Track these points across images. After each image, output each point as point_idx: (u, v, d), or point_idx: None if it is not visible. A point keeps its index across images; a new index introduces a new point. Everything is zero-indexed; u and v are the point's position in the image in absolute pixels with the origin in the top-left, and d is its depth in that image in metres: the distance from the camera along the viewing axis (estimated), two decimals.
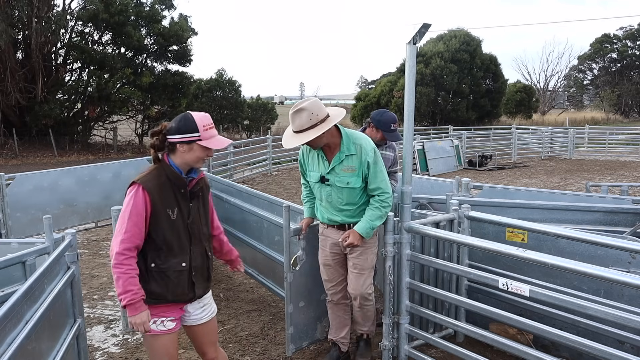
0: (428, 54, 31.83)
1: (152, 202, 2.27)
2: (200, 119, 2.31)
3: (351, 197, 3.13)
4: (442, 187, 5.37)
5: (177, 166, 2.34)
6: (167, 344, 2.43)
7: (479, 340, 3.11)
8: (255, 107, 31.78)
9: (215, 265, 5.87)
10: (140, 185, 2.26)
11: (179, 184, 2.34)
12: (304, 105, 2.95)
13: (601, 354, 2.37)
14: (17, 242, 3.06)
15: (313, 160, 3.23)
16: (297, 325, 3.69)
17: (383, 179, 3.09)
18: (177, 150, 2.31)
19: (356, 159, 3.06)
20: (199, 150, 2.31)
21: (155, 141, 2.32)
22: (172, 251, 2.35)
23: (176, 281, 2.36)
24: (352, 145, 3.07)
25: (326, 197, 3.20)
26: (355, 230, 3.12)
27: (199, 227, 2.46)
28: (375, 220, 3.11)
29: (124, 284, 2.22)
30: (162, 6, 24.63)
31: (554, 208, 4.07)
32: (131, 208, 2.25)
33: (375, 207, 3.11)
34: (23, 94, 21.16)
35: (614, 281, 2.36)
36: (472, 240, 3.08)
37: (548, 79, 53.51)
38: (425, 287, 3.37)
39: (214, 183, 5.99)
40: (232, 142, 14.71)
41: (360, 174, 3.07)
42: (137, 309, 2.25)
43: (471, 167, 15.85)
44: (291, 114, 2.99)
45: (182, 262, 2.38)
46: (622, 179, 13.24)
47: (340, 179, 3.10)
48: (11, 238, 5.73)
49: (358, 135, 3.13)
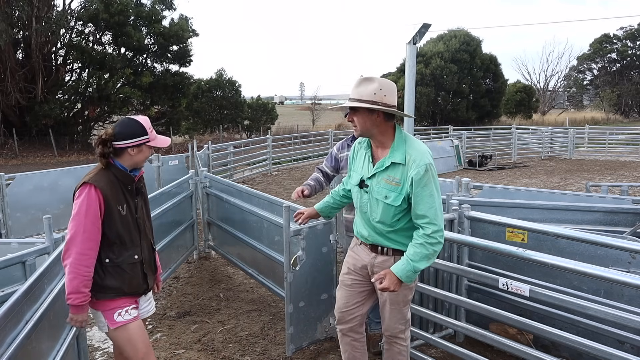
0: (428, 54, 31.84)
1: (105, 200, 2.37)
2: (145, 121, 2.49)
3: (386, 216, 2.55)
4: (442, 187, 5.31)
5: (123, 166, 2.48)
6: (139, 331, 2.52)
7: (479, 340, 3.11)
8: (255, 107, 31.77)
9: (215, 265, 5.88)
10: (92, 185, 2.35)
11: (126, 181, 2.48)
12: (377, 78, 2.52)
13: (601, 354, 2.37)
14: (17, 242, 3.07)
15: (360, 160, 2.71)
16: (297, 325, 3.69)
17: (432, 206, 2.43)
18: (126, 153, 2.45)
19: (402, 170, 2.48)
20: (147, 151, 2.51)
21: (105, 149, 2.43)
22: (124, 245, 2.46)
23: (131, 273, 2.48)
24: (403, 153, 2.50)
25: (361, 207, 2.67)
26: (393, 271, 2.47)
27: (144, 221, 2.60)
28: (419, 261, 2.44)
29: (78, 285, 2.29)
30: (162, 6, 24.65)
31: (554, 208, 4.07)
32: (86, 207, 2.32)
33: (420, 243, 2.44)
34: (23, 94, 21.17)
35: (614, 281, 2.36)
36: (472, 240, 3.08)
37: (548, 79, 53.55)
38: (425, 287, 3.37)
39: (214, 183, 5.99)
40: (232, 142, 14.76)
41: (404, 191, 2.48)
42: (83, 309, 2.36)
43: (471, 167, 15.85)
44: (358, 80, 2.54)
45: (134, 254, 2.50)
46: (622, 179, 13.24)
47: (379, 190, 2.55)
48: (11, 238, 5.74)
49: (415, 145, 2.53)
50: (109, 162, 2.45)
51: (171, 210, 5.15)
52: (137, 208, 2.55)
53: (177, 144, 25.38)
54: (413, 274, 2.47)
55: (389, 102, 2.49)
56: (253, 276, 4.93)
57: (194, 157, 10.65)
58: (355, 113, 2.53)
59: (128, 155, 2.45)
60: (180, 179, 5.73)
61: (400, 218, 2.53)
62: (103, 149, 2.42)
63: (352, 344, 2.88)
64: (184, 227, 5.60)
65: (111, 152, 2.43)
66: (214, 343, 3.93)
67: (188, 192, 5.85)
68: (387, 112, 2.48)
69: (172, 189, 5.33)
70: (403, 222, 2.54)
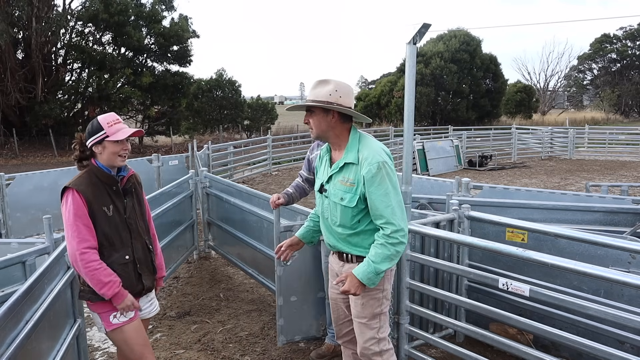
0: (428, 54, 31.84)
1: (87, 202, 2.38)
2: (104, 118, 2.48)
3: (345, 219, 2.46)
4: (442, 187, 5.37)
5: (105, 167, 2.49)
6: (137, 333, 2.52)
7: (479, 340, 3.11)
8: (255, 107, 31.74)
9: (215, 265, 5.88)
10: (73, 189, 2.37)
11: (109, 182, 2.48)
12: (333, 80, 2.47)
13: (601, 354, 2.37)
14: (17, 242, 3.07)
15: (322, 165, 2.65)
16: (287, 318, 3.77)
17: (389, 205, 2.34)
18: (97, 153, 2.47)
19: (355, 170, 2.42)
20: (111, 146, 2.45)
21: (77, 152, 2.48)
22: (113, 246, 2.46)
23: (123, 274, 2.47)
24: (356, 153, 2.43)
25: (322, 213, 2.60)
26: (354, 273, 2.37)
27: (136, 221, 2.59)
28: (380, 262, 2.33)
29: (99, 278, 2.34)
30: (163, 6, 24.65)
31: (554, 208, 4.07)
32: (74, 211, 2.35)
33: (380, 243, 2.35)
34: (23, 94, 21.17)
35: (614, 281, 2.36)
36: (472, 240, 3.08)
37: (548, 79, 53.55)
38: (425, 287, 3.37)
39: (214, 183, 5.99)
40: (232, 142, 14.76)
41: (358, 191, 2.40)
42: (123, 294, 2.41)
43: (471, 167, 15.85)
44: (314, 82, 2.51)
45: (125, 255, 2.50)
46: (622, 179, 13.24)
47: (335, 192, 2.48)
48: (11, 238, 5.74)
49: (369, 143, 2.45)
50: (90, 163, 2.48)
51: (171, 210, 5.15)
52: (127, 208, 2.54)
53: (177, 144, 25.37)
54: (375, 275, 2.35)
55: (344, 103, 2.43)
56: (253, 276, 4.93)
57: (194, 157, 10.65)
58: (311, 115, 2.47)
59: (98, 154, 2.47)
60: (180, 179, 5.73)
61: (361, 219, 2.44)
62: (75, 151, 2.48)
63: (353, 356, 2.79)
64: (184, 227, 5.60)
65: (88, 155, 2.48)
66: (214, 343, 3.93)
67: (188, 192, 5.85)
68: (342, 112, 2.43)
69: (172, 189, 5.33)
70: (364, 224, 2.45)
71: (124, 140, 2.46)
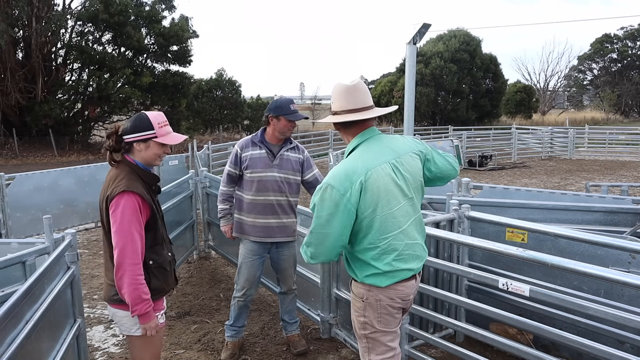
0: (428, 54, 31.82)
1: (147, 204, 2.34)
2: (154, 117, 2.38)
3: None
4: (442, 187, 5.35)
5: (145, 166, 2.42)
6: (160, 338, 2.53)
7: (479, 340, 3.11)
8: (255, 107, 31.72)
9: (215, 265, 5.88)
10: (130, 192, 2.27)
11: (150, 181, 2.43)
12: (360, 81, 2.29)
13: (601, 354, 2.37)
14: (17, 242, 3.06)
15: None
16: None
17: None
18: (134, 149, 2.37)
19: None
20: (156, 147, 2.38)
21: (111, 142, 2.38)
22: (164, 244, 2.49)
23: (170, 271, 2.50)
24: None
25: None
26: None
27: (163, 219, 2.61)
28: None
29: (140, 295, 2.27)
30: (162, 6, 24.64)
31: (554, 208, 4.07)
32: (130, 217, 2.26)
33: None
34: (23, 94, 21.16)
35: (614, 281, 2.36)
36: (472, 240, 3.08)
37: (548, 79, 53.47)
38: (425, 287, 3.37)
39: (215, 183, 5.99)
40: (232, 142, 14.73)
41: None
42: (152, 315, 2.36)
43: (471, 167, 15.85)
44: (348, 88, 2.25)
45: (169, 252, 2.54)
46: (622, 179, 13.24)
47: None
48: (11, 238, 5.74)
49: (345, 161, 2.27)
50: (123, 159, 2.38)
51: (171, 210, 5.14)
52: (159, 207, 2.54)
53: (177, 144, 25.32)
54: None
55: (333, 108, 2.29)
56: None
57: (194, 157, 10.65)
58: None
59: (136, 151, 2.37)
60: (180, 179, 5.73)
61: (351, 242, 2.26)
62: (110, 141, 2.37)
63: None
64: (184, 227, 5.60)
65: (122, 148, 2.38)
66: (214, 343, 3.93)
67: (188, 192, 5.85)
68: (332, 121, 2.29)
69: (172, 189, 5.33)
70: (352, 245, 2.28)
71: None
